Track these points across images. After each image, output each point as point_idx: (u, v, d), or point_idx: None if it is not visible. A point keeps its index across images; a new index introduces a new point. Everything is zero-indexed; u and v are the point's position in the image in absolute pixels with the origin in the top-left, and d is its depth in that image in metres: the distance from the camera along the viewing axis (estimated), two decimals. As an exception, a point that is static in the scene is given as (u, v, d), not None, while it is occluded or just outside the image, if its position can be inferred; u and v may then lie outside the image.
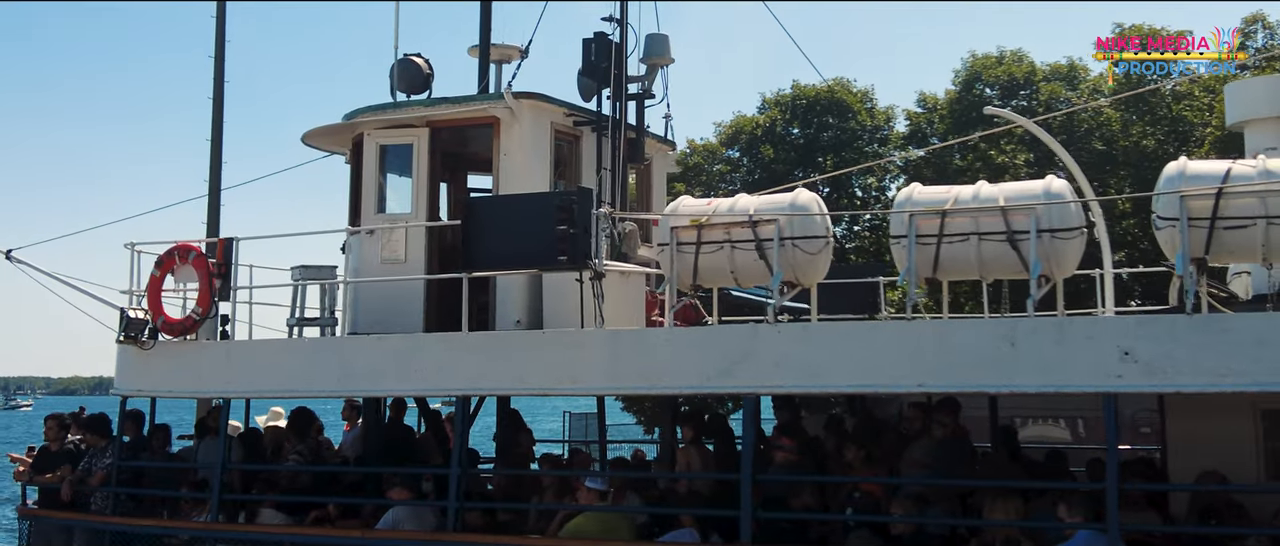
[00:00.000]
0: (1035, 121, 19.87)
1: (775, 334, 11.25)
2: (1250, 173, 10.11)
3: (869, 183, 38.87)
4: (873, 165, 34.81)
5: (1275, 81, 14.42)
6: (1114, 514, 9.88)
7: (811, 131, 38.21)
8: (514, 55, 16.92)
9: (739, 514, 11.02)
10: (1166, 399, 12.54)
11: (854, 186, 38.97)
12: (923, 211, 11.04)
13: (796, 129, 38.56)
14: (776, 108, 38.69)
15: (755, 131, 38.23)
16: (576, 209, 11.74)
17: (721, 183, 38.50)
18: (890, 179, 38.89)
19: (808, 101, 38.41)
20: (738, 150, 38.81)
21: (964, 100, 37.25)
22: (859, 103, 38.50)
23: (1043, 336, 10.35)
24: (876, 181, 38.73)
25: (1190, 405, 11.75)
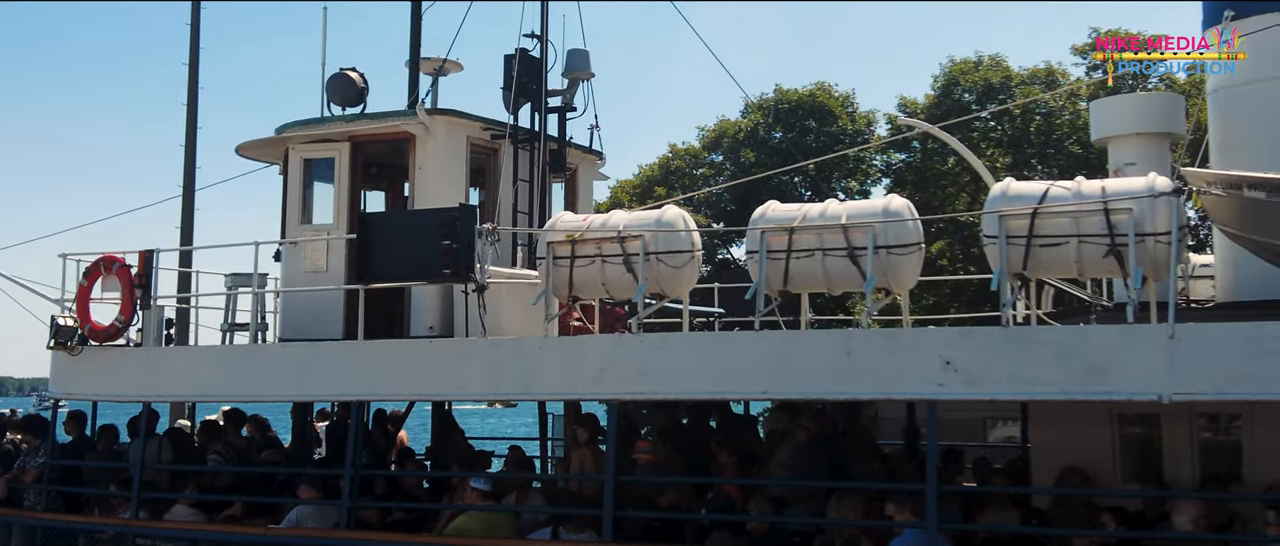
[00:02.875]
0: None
1: (638, 343, 11.96)
2: (1065, 194, 10.72)
3: (851, 186, 39.40)
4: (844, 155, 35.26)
5: (1137, 100, 15.05)
6: (933, 512, 10.53)
7: (794, 135, 38.76)
8: (451, 68, 17.67)
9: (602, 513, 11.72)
10: (1030, 405, 13.19)
11: (836, 190, 39.52)
12: (773, 228, 11.71)
13: (779, 132, 39.13)
14: (759, 111, 39.28)
15: (737, 135, 38.83)
16: (459, 224, 12.48)
17: (704, 186, 39.15)
18: (871, 182, 39.43)
19: (790, 105, 38.98)
20: (720, 154, 39.42)
21: (943, 104, 37.68)
22: (840, 107, 39.05)
23: (875, 347, 11.02)
24: (858, 184, 39.26)
25: (1052, 411, 12.38)
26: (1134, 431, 12.59)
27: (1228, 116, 13.36)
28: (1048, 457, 12.61)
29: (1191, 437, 12.33)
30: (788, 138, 37.54)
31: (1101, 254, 10.50)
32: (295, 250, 15.62)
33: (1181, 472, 12.24)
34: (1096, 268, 10.80)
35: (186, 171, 26.50)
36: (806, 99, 38.85)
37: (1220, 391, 9.96)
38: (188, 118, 26.61)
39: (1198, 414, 12.23)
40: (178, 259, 19.28)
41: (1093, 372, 10.18)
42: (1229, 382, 9.83)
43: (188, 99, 26.54)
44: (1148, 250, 10.33)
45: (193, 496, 14.28)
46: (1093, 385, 10.20)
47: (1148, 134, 13.63)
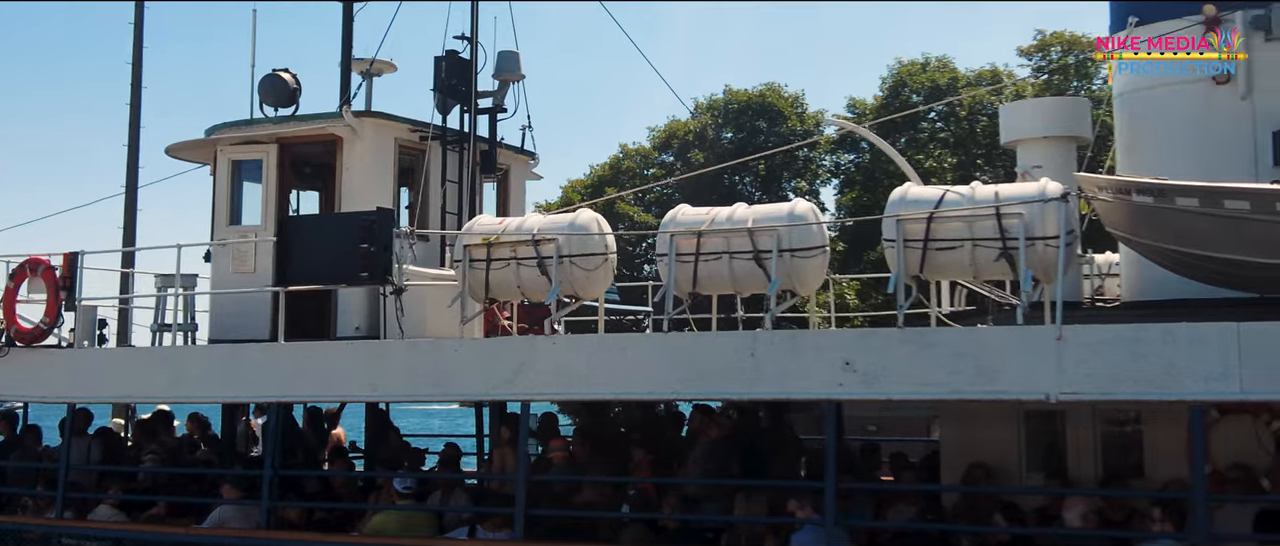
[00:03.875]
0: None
1: (551, 345, 12.17)
2: (961, 199, 11.00)
3: (801, 185, 39.78)
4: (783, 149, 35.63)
5: (1043, 104, 15.39)
6: (831, 508, 10.79)
7: (743, 136, 39.10)
8: (385, 68, 17.81)
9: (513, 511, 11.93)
10: (939, 404, 13.47)
11: (786, 189, 39.88)
12: (682, 232, 11.94)
13: (729, 133, 39.46)
14: (709, 112, 39.59)
15: (687, 136, 39.13)
16: (376, 228, 12.66)
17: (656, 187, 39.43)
18: (820, 183, 39.85)
19: (739, 106, 39.31)
20: (671, 154, 39.72)
21: (892, 105, 38.12)
22: (790, 107, 39.41)
23: (778, 348, 11.26)
24: (807, 185, 39.65)
25: (960, 409, 12.66)
26: (1039, 429, 12.89)
27: (1132, 120, 13.69)
28: (956, 455, 12.90)
29: (1093, 436, 12.65)
30: (737, 138, 37.93)
31: (994, 257, 10.78)
32: (224, 251, 15.75)
33: (1084, 470, 12.56)
34: (990, 270, 11.08)
35: (129, 171, 26.53)
36: (756, 99, 39.18)
37: (1105, 392, 10.26)
38: (131, 119, 26.64)
39: (1099, 412, 12.56)
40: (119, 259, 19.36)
41: (984, 373, 10.46)
42: (1113, 383, 10.12)
43: (131, 99, 26.57)
44: (1038, 253, 10.62)
45: (117, 497, 14.38)
46: (984, 385, 10.48)
47: (1054, 137, 13.93)
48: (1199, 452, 9.90)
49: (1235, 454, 11.72)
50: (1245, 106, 12.68)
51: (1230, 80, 12.68)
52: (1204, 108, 12.88)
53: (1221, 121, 12.79)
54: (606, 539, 12.21)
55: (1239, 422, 11.72)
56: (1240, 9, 12.68)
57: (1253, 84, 12.64)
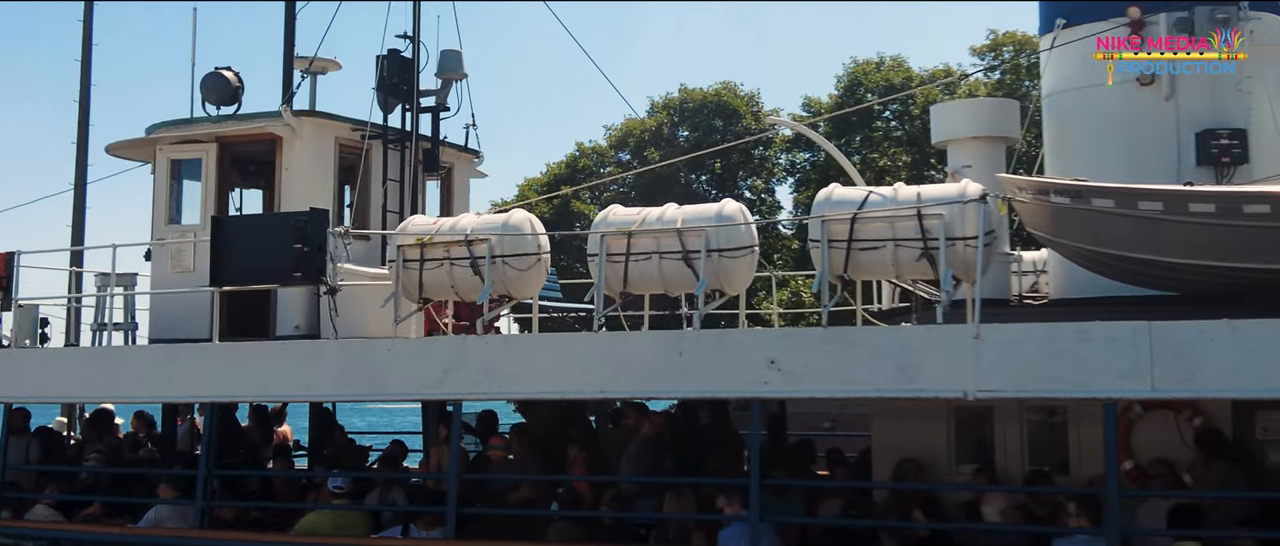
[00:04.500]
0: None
1: (483, 345, 12.24)
2: (883, 200, 11.15)
3: (756, 184, 39.98)
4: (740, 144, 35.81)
5: (973, 104, 15.63)
6: (756, 503, 10.92)
7: (699, 134, 39.24)
8: (329, 67, 17.82)
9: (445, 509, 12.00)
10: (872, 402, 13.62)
11: (742, 188, 40.08)
12: (612, 232, 12.04)
13: (685, 132, 39.60)
14: (665, 111, 39.72)
15: (643, 135, 39.23)
16: (310, 229, 12.70)
17: (613, 185, 39.55)
18: (776, 181, 40.05)
19: (695, 105, 39.45)
20: (627, 153, 39.82)
21: (847, 104, 38.34)
22: (745, 106, 39.57)
23: (705, 347, 11.38)
24: (763, 183, 39.85)
25: (892, 407, 12.81)
26: (967, 426, 13.07)
27: (1060, 121, 13.88)
28: (887, 451, 13.06)
29: (1021, 432, 12.84)
30: (693, 137, 38.09)
31: (915, 257, 10.94)
32: (163, 250, 15.73)
33: (1011, 466, 12.75)
34: (912, 270, 11.24)
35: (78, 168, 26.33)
36: (712, 99, 39.32)
37: (1021, 389, 10.45)
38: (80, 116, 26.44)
39: (1027, 409, 12.75)
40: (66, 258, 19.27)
41: (904, 371, 10.61)
42: (1029, 380, 10.31)
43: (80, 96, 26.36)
44: (958, 253, 10.78)
45: (52, 496, 14.35)
46: (904, 383, 10.64)
47: (983, 138, 14.12)
48: (1112, 449, 10.09)
49: (1159, 450, 11.94)
50: (1169, 108, 12.88)
51: (1154, 82, 12.87)
52: (1129, 109, 13.07)
53: (1146, 122, 12.97)
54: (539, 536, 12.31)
55: (1161, 418, 11.93)
56: (1164, 11, 12.87)
57: (1176, 85, 12.83)
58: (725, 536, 11.26)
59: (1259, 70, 12.82)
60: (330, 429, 17.94)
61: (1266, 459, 12.04)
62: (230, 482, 14.64)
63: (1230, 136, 12.56)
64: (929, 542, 10.92)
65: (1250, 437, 12.02)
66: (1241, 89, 12.80)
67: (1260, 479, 11.71)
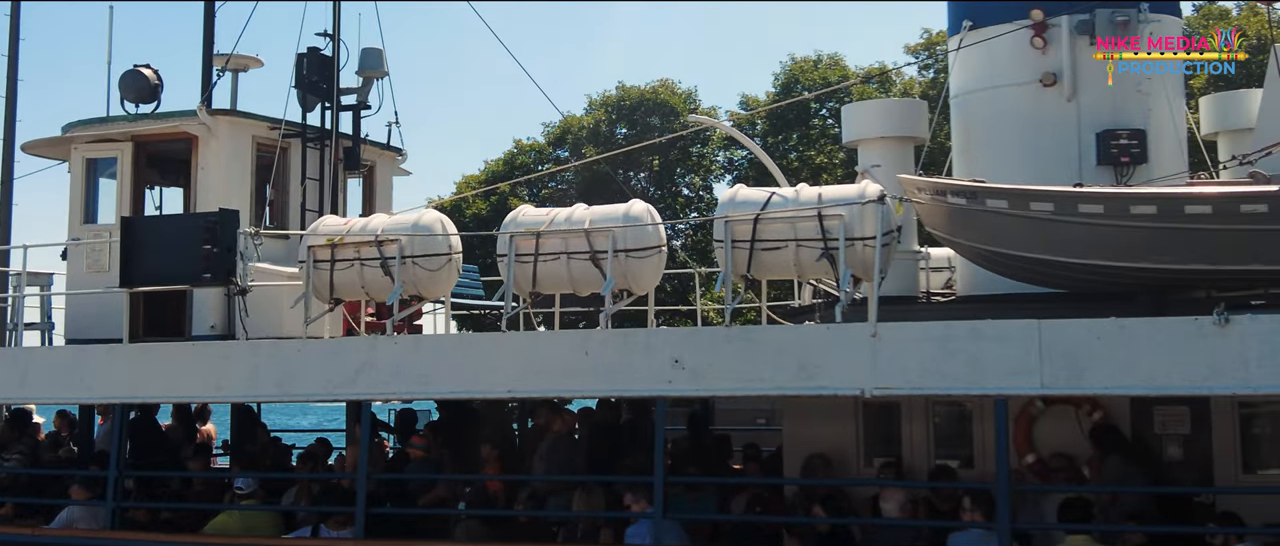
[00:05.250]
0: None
1: (392, 345, 12.28)
2: (785, 201, 11.30)
3: (694, 181, 40.12)
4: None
5: (882, 105, 15.85)
6: (659, 500, 11.04)
7: (636, 132, 39.33)
8: (251, 64, 17.75)
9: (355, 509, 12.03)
10: (782, 400, 13.79)
11: (680, 185, 40.21)
12: (521, 233, 12.11)
13: (623, 129, 39.67)
14: (602, 108, 39.77)
15: (581, 132, 39.26)
16: (219, 229, 12.68)
17: (551, 182, 39.58)
18: (714, 178, 40.22)
19: (632, 102, 39.54)
20: (566, 150, 39.84)
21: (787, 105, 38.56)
22: (682, 104, 39.70)
23: (610, 346, 11.49)
24: (700, 180, 40.01)
25: (802, 405, 12.97)
26: (875, 422, 13.27)
27: (967, 121, 14.11)
28: (797, 446, 13.24)
29: (927, 428, 13.06)
30: (630, 134, 38.14)
31: (816, 257, 11.09)
32: (79, 250, 15.62)
33: (918, 461, 12.96)
34: (813, 270, 11.40)
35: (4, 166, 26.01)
36: (649, 96, 39.43)
37: (916, 387, 10.63)
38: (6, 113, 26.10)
39: (933, 405, 12.96)
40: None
41: (804, 369, 10.76)
42: (924, 378, 10.49)
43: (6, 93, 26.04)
44: (857, 253, 10.95)
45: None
46: (804, 381, 10.79)
47: (892, 137, 14.33)
48: (1002, 445, 10.28)
49: (1061, 444, 12.19)
50: (1071, 108, 13.13)
51: (1057, 83, 13.11)
52: (1032, 109, 13.31)
53: (1049, 123, 13.22)
54: (450, 535, 12.38)
55: (1062, 413, 12.19)
56: (1066, 14, 13.12)
57: (1078, 86, 13.08)
58: (631, 533, 11.38)
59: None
60: (253, 427, 17.89)
61: (1164, 453, 12.34)
62: (149, 483, 14.58)
63: (1129, 137, 12.82)
64: (830, 537, 11.08)
65: (1148, 432, 12.31)
66: (1141, 90, 13.08)
67: (1158, 473, 12.01)
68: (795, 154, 38.94)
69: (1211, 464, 12.07)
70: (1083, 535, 10.28)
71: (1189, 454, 12.23)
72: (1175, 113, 13.36)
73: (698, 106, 40.19)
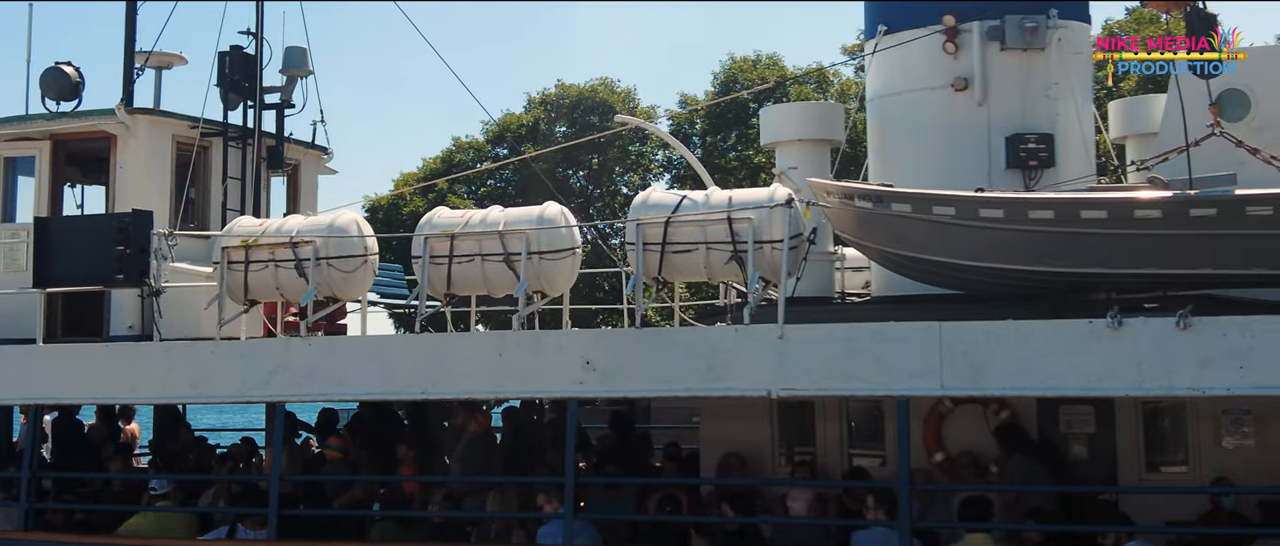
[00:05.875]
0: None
1: (306, 346, 12.29)
2: (696, 204, 11.43)
3: (633, 179, 40.18)
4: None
5: (799, 108, 16.03)
6: (570, 500, 11.12)
7: (576, 130, 39.31)
8: (175, 62, 17.63)
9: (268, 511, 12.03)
10: (702, 401, 13.93)
11: (619, 184, 40.24)
12: (436, 235, 12.16)
13: (562, 127, 39.65)
14: (541, 106, 39.74)
15: (520, 130, 39.20)
16: (133, 230, 12.64)
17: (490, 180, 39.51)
18: (653, 177, 40.29)
19: (572, 101, 39.55)
20: (505, 148, 39.74)
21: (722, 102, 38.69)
22: (622, 102, 39.75)
23: (524, 348, 11.58)
24: (639, 178, 40.08)
25: (720, 406, 13.10)
26: (790, 421, 13.44)
27: (882, 124, 14.28)
28: (714, 446, 13.38)
29: (841, 428, 13.24)
30: (569, 133, 38.12)
31: (725, 260, 11.22)
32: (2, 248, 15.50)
33: (832, 460, 13.15)
34: (723, 273, 11.54)
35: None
36: (588, 94, 39.46)
37: (821, 387, 10.83)
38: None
39: (850, 406, 13.15)
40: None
41: (712, 371, 10.91)
42: (828, 379, 10.67)
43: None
44: (765, 256, 11.09)
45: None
46: (712, 382, 10.94)
47: (809, 140, 14.46)
48: (903, 445, 10.47)
49: (969, 443, 12.42)
50: (981, 113, 13.28)
51: (968, 88, 13.30)
52: (945, 113, 13.44)
53: (960, 127, 13.35)
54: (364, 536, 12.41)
55: (971, 413, 12.41)
56: (978, 20, 13.31)
57: (988, 91, 13.27)
58: (543, 533, 11.47)
59: (1066, 76, 13.32)
60: (176, 427, 17.78)
61: (1069, 452, 12.60)
62: (68, 483, 14.47)
63: (1038, 141, 13.01)
64: (738, 536, 11.22)
65: (1054, 431, 12.57)
66: (1050, 95, 13.28)
67: (1062, 471, 12.26)
68: (734, 153, 39.10)
69: (1115, 462, 12.35)
70: (982, 534, 10.49)
71: (1093, 452, 12.51)
72: (1083, 117, 13.60)
73: (637, 105, 40.24)
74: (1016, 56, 13.22)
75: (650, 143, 39.62)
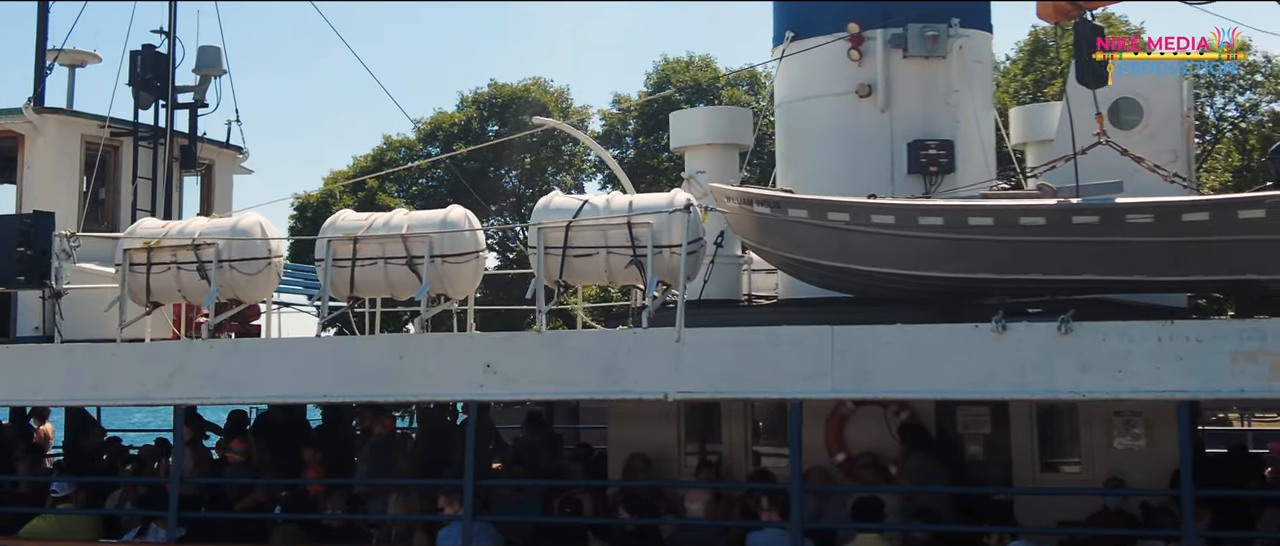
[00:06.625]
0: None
1: (208, 349, 12.25)
2: (596, 209, 11.53)
3: (566, 180, 40.21)
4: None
5: (708, 113, 16.20)
6: (468, 503, 11.17)
7: (508, 129, 39.25)
8: (88, 60, 17.46)
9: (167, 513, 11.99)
10: (609, 404, 14.04)
11: (552, 184, 40.23)
12: (339, 238, 12.17)
13: (495, 126, 39.59)
14: (474, 105, 39.67)
15: (452, 129, 39.09)
16: (33, 232, 12.54)
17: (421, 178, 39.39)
18: (585, 177, 40.38)
19: (504, 100, 39.51)
20: (437, 147, 39.60)
21: (655, 102, 38.81)
22: (554, 102, 39.76)
23: (426, 351, 11.62)
24: (572, 179, 40.13)
25: (627, 409, 13.20)
26: (697, 423, 13.59)
27: (790, 129, 14.48)
28: (621, 447, 13.49)
29: (745, 429, 13.41)
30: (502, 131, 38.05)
31: (625, 264, 11.33)
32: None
33: (737, 461, 13.31)
34: (623, 276, 11.65)
35: None
36: (521, 93, 39.45)
37: (715, 390, 10.95)
38: None
39: (757, 407, 13.31)
40: None
41: (611, 373, 11.00)
42: (723, 381, 10.80)
43: None
44: (665, 260, 11.21)
45: None
46: (610, 384, 11.03)
47: (717, 144, 14.63)
48: (796, 446, 10.61)
49: (870, 443, 12.62)
50: (884, 119, 13.52)
51: (871, 94, 13.52)
52: (849, 119, 13.67)
53: (864, 133, 13.59)
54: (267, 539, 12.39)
55: (873, 413, 12.61)
56: (881, 28, 13.53)
57: (891, 97, 13.50)
58: (443, 535, 11.51)
59: (966, 83, 13.56)
60: (88, 428, 17.60)
61: (966, 451, 12.86)
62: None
63: (938, 147, 13.26)
64: (637, 537, 11.33)
65: (952, 431, 12.81)
66: (950, 102, 13.53)
67: (960, 471, 12.51)
68: (667, 154, 39.19)
69: (1010, 462, 12.61)
70: (873, 533, 10.67)
71: (990, 452, 12.78)
72: (982, 124, 13.86)
73: (570, 105, 40.29)
74: (918, 64, 13.48)
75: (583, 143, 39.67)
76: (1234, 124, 33.60)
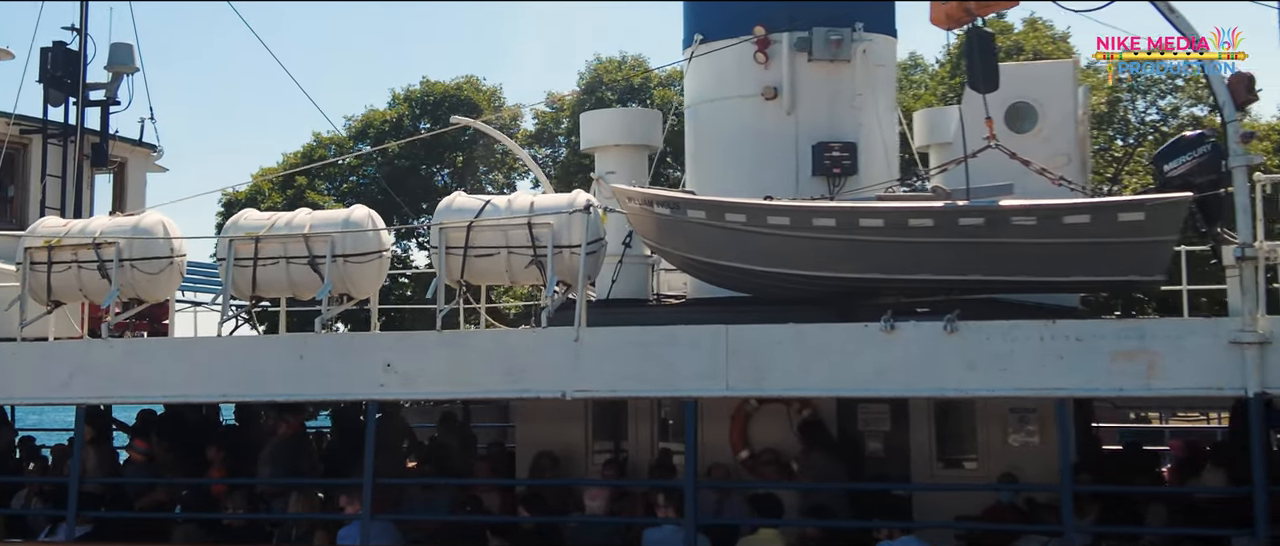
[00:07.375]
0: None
1: (108, 348, 12.18)
2: (498, 209, 11.61)
3: (497, 178, 40.17)
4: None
5: (619, 114, 16.32)
6: (367, 501, 11.22)
7: (441, 127, 39.12)
8: (1, 56, 17.27)
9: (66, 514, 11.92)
10: (513, 404, 14.13)
11: (484, 182, 40.17)
12: (241, 237, 12.15)
13: (427, 124, 39.46)
14: (406, 103, 39.53)
15: (384, 126, 38.92)
16: (-67, 230, 12.39)
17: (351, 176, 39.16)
18: (517, 176, 40.34)
19: (436, 98, 39.41)
20: (367, 144, 39.40)
21: (588, 101, 38.86)
22: (486, 101, 39.71)
23: (326, 351, 11.64)
24: (503, 178, 40.11)
25: (534, 408, 13.28)
26: (604, 421, 13.70)
27: (698, 131, 14.61)
28: (529, 445, 13.58)
29: (651, 428, 13.54)
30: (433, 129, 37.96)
31: (526, 264, 11.42)
32: None
33: (643, 458, 13.43)
34: (524, 276, 11.74)
35: None
36: (453, 92, 39.36)
37: (612, 388, 11.09)
38: None
39: (664, 405, 13.44)
40: None
41: (511, 373, 11.10)
42: (619, 380, 10.95)
43: None
44: (565, 261, 11.31)
45: None
46: (510, 384, 11.14)
47: (627, 145, 14.74)
48: (691, 444, 10.76)
49: (774, 440, 12.79)
50: (790, 121, 13.67)
51: (777, 96, 13.67)
52: (756, 121, 13.80)
53: (770, 134, 13.72)
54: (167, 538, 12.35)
55: (776, 411, 12.78)
56: (787, 32, 13.68)
57: (796, 100, 13.66)
58: (343, 534, 11.53)
59: (870, 87, 13.76)
60: (0, 427, 17.41)
61: (867, 448, 13.06)
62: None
63: (841, 149, 13.43)
64: (536, 535, 11.42)
65: (853, 429, 13.02)
66: (854, 105, 13.72)
67: (860, 467, 12.71)
68: (599, 154, 39.32)
69: (909, 458, 12.83)
70: (769, 529, 10.84)
71: (889, 449, 12.99)
72: (885, 126, 14.06)
73: (502, 103, 40.26)
74: (823, 67, 13.64)
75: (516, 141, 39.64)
76: (1155, 127, 34.25)
